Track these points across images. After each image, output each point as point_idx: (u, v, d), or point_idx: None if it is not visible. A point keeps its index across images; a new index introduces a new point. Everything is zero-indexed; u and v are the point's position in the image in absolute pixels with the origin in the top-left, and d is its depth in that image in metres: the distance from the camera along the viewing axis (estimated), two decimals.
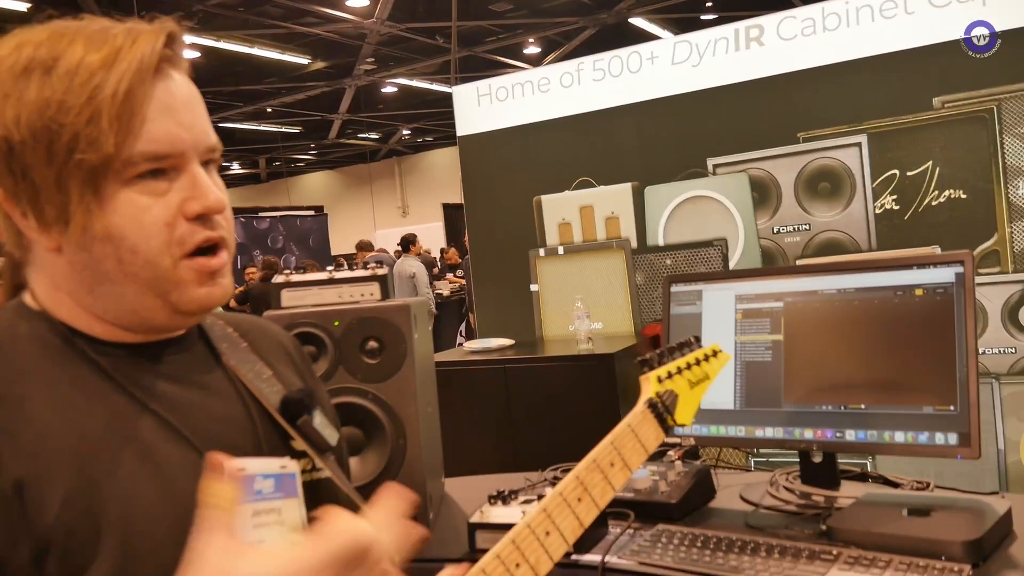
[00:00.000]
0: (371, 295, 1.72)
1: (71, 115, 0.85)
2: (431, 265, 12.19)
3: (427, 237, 13.94)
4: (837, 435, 1.63)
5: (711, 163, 3.82)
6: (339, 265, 1.76)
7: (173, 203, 0.90)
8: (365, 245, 11.28)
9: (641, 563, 1.47)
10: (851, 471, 1.82)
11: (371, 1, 9.75)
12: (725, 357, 1.40)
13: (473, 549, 1.59)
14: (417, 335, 1.72)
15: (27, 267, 0.95)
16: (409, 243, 10.56)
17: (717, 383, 1.73)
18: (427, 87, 14.30)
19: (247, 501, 0.89)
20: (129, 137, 0.86)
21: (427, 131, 19.20)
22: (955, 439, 1.52)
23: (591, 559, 1.50)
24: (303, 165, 22.81)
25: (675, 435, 1.80)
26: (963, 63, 3.29)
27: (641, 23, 11.24)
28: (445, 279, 11.92)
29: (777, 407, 1.69)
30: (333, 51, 11.86)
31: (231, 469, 0.89)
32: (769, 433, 1.70)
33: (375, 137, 19.34)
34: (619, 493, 1.70)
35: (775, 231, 3.69)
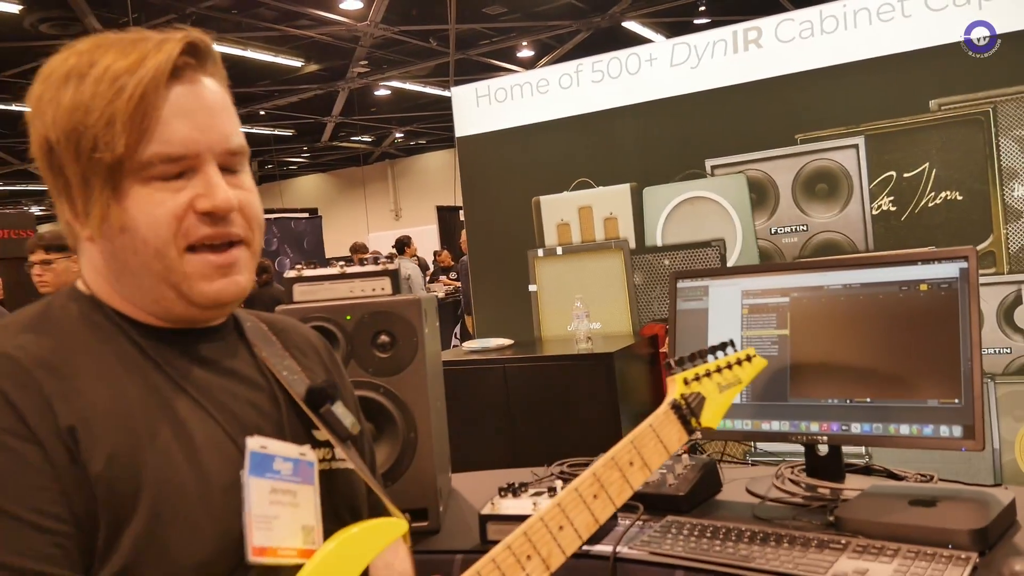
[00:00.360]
0: (382, 289, 1.73)
1: (93, 117, 0.91)
2: (423, 268, 12.20)
3: (421, 240, 13.94)
4: (843, 428, 1.65)
5: (709, 164, 3.85)
6: (349, 261, 1.78)
7: (185, 199, 0.95)
8: (359, 247, 11.28)
9: (652, 553, 1.48)
10: (855, 464, 1.84)
11: (364, 4, 9.76)
12: (760, 363, 1.42)
13: (484, 541, 1.61)
14: (427, 330, 1.74)
15: (78, 254, 1.02)
16: (404, 245, 10.58)
17: None
18: (420, 90, 14.31)
19: (267, 477, 0.96)
20: (142, 140, 0.92)
21: (420, 134, 19.20)
22: (959, 431, 1.54)
23: (602, 549, 1.52)
24: (296, 168, 22.77)
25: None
26: (960, 66, 3.33)
27: (634, 27, 11.28)
28: (439, 281, 11.92)
29: (783, 401, 1.71)
30: (326, 54, 11.86)
31: (253, 444, 0.96)
32: (775, 426, 1.72)
33: (368, 140, 19.34)
34: None
35: (773, 232, 3.72)
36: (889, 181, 3.49)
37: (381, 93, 14.77)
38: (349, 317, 1.69)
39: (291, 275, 1.75)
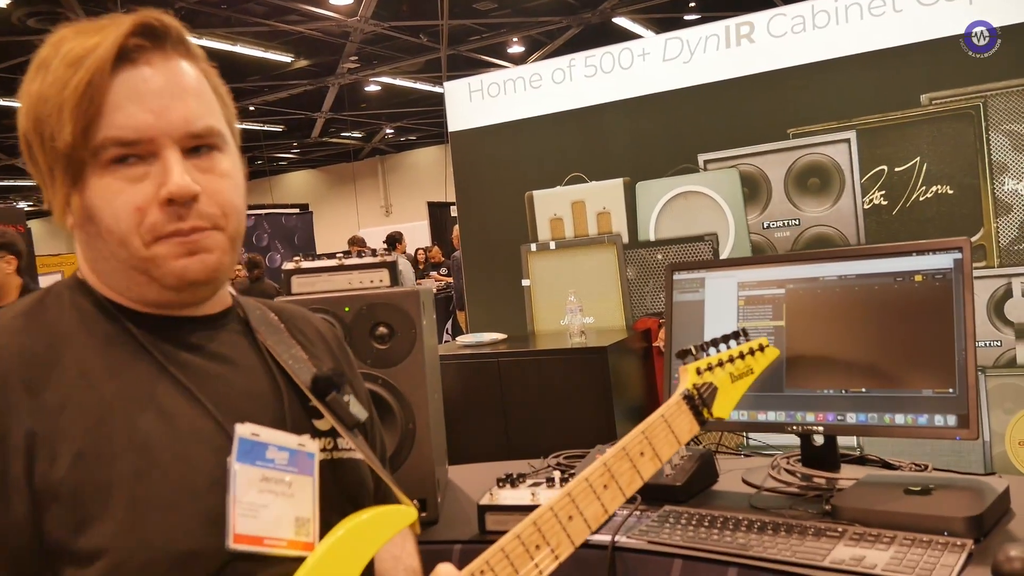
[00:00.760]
0: (380, 281, 1.74)
1: (49, 107, 0.91)
2: (413, 264, 12.19)
3: (411, 236, 13.92)
4: (838, 418, 1.66)
5: (702, 159, 3.87)
6: (347, 253, 1.78)
7: (148, 189, 0.93)
8: (358, 241, 11.25)
9: (650, 542, 1.49)
10: (850, 455, 1.86)
11: None
12: (773, 352, 1.41)
13: (483, 531, 1.61)
14: (425, 322, 1.75)
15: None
16: (395, 242, 10.58)
17: None
18: (411, 86, 14.28)
19: (257, 464, 0.95)
20: (90, 126, 0.90)
21: (410, 130, 19.17)
22: (954, 421, 1.56)
23: (601, 539, 1.53)
24: (285, 164, 22.71)
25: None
26: (951, 61, 3.35)
27: (624, 23, 11.29)
28: (429, 277, 11.91)
29: (779, 391, 1.72)
30: (316, 49, 11.83)
31: (243, 431, 0.95)
32: (771, 417, 1.73)
33: (358, 136, 19.29)
34: None
35: (765, 226, 3.74)
36: (880, 175, 3.51)
37: (371, 89, 14.74)
38: (348, 309, 1.70)
39: (289, 267, 1.75)
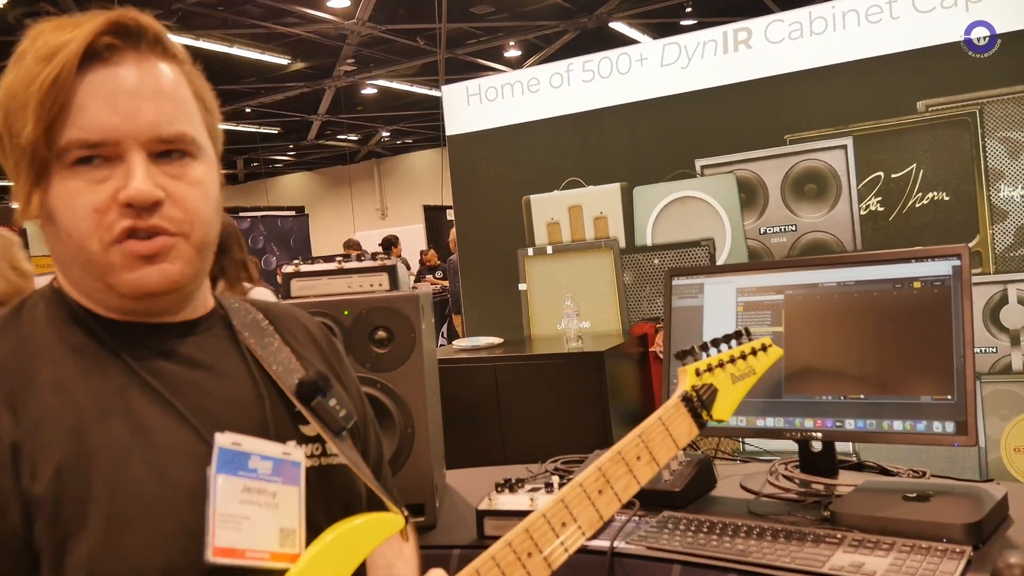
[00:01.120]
0: (380, 285, 1.73)
1: (16, 102, 0.89)
2: (407, 268, 12.19)
3: (407, 239, 13.91)
4: (837, 424, 1.67)
5: (699, 164, 3.87)
6: (347, 256, 1.78)
7: (107, 191, 0.90)
8: (353, 244, 11.25)
9: (649, 548, 1.49)
10: (847, 461, 1.86)
11: (352, 2, 9.73)
12: (776, 352, 1.37)
13: (481, 536, 1.61)
14: (424, 325, 1.74)
15: None
16: (391, 245, 10.58)
17: None
18: (408, 89, 14.29)
19: (239, 475, 0.92)
20: (54, 125, 0.88)
21: (407, 133, 19.16)
22: (952, 427, 1.56)
23: (600, 544, 1.53)
24: (281, 166, 22.69)
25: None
26: (947, 67, 3.37)
27: (621, 27, 11.30)
28: (425, 280, 11.91)
29: (778, 397, 1.73)
30: (313, 52, 11.82)
31: (223, 440, 0.92)
32: (770, 423, 1.73)
33: (354, 139, 19.28)
34: None
35: (762, 232, 3.74)
36: (877, 181, 3.52)
37: (368, 92, 14.74)
38: (347, 312, 1.69)
39: (289, 270, 1.75)
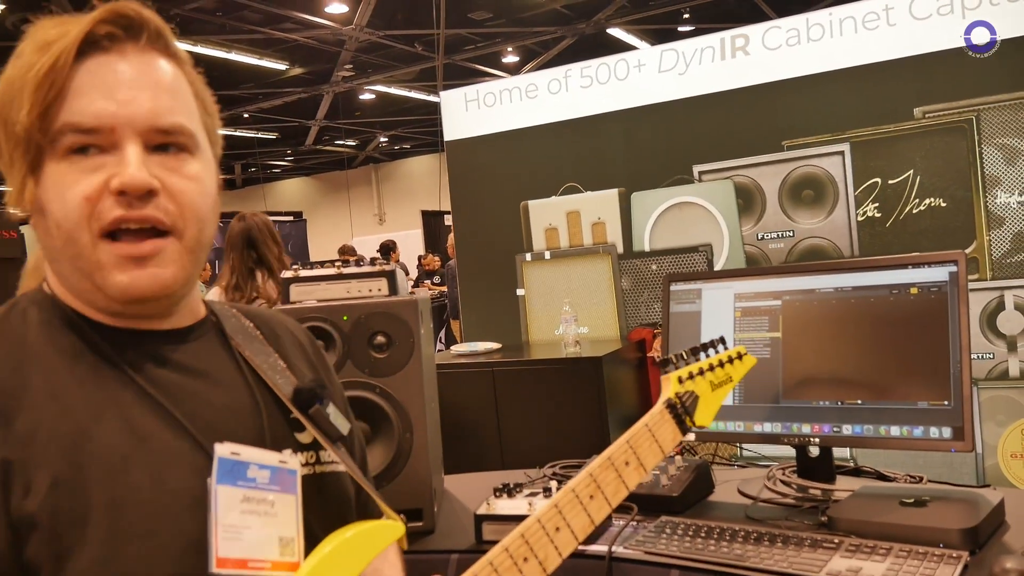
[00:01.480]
0: (379, 290, 1.74)
1: (13, 91, 0.89)
2: (405, 273, 12.20)
3: (405, 245, 13.92)
4: (834, 430, 1.67)
5: (697, 170, 3.88)
6: (345, 261, 1.79)
7: (100, 179, 0.89)
8: (348, 250, 11.25)
9: (647, 552, 1.50)
10: (844, 466, 1.86)
11: (350, 7, 9.75)
12: (750, 360, 1.42)
13: (480, 540, 1.61)
14: (423, 330, 1.75)
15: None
16: (389, 251, 10.59)
17: None
18: (406, 94, 14.30)
19: (238, 485, 0.91)
20: (49, 110, 0.88)
21: (405, 138, 19.17)
22: (949, 433, 1.57)
23: (597, 549, 1.53)
24: (279, 171, 22.69)
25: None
26: (944, 74, 3.38)
27: (619, 34, 11.32)
28: (423, 285, 11.91)
29: (775, 403, 1.73)
30: (311, 57, 11.83)
31: (223, 450, 0.92)
32: (767, 428, 1.74)
33: (352, 144, 19.29)
34: None
35: (759, 237, 3.75)
36: (874, 188, 3.53)
37: (366, 97, 14.75)
38: (346, 317, 1.70)
39: (288, 275, 1.75)
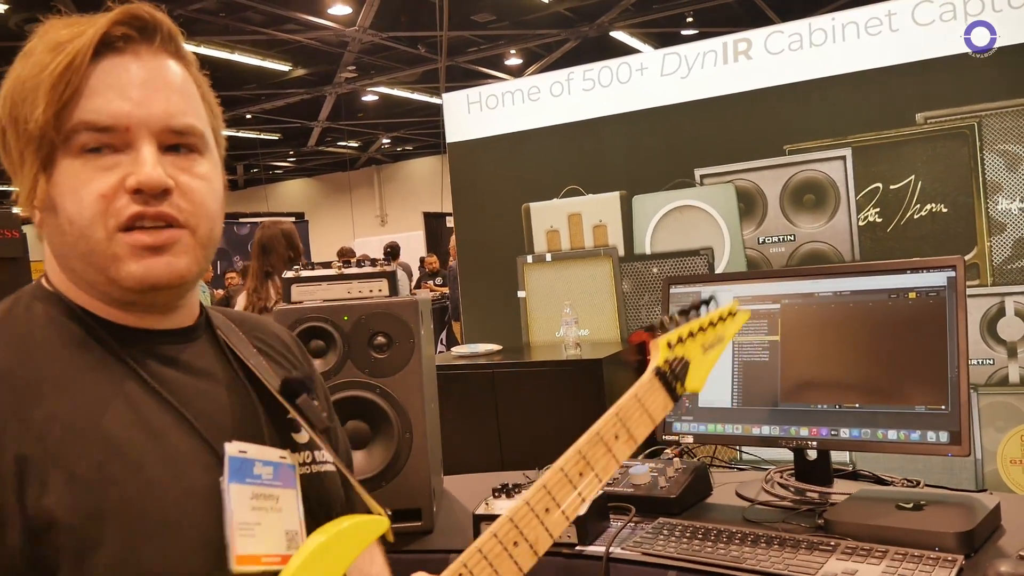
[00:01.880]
0: (379, 291, 1.75)
1: (26, 89, 0.89)
2: (408, 274, 12.22)
3: (407, 246, 13.93)
4: (832, 433, 1.68)
5: (698, 173, 3.89)
6: (346, 262, 1.79)
7: (115, 177, 0.90)
8: (347, 252, 11.28)
9: (644, 553, 1.50)
10: (842, 469, 1.87)
11: (353, 9, 9.77)
12: (743, 316, 1.33)
13: None
14: (423, 331, 1.76)
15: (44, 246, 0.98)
16: (396, 252, 10.66)
17: (715, 381, 1.79)
18: (408, 96, 14.32)
19: (247, 482, 0.93)
20: (65, 109, 0.88)
21: (407, 140, 19.20)
22: (946, 437, 1.57)
23: (595, 550, 1.54)
24: (281, 172, 22.72)
25: (673, 433, 1.84)
26: (946, 80, 3.38)
27: (622, 37, 11.34)
28: (425, 286, 11.92)
29: (774, 406, 1.74)
30: (314, 58, 11.86)
31: (232, 449, 0.93)
32: (766, 431, 1.75)
33: (355, 145, 19.32)
34: (620, 489, 1.74)
35: (760, 241, 3.76)
36: (875, 193, 3.53)
37: (368, 99, 14.77)
38: (347, 318, 1.71)
39: (289, 275, 1.76)
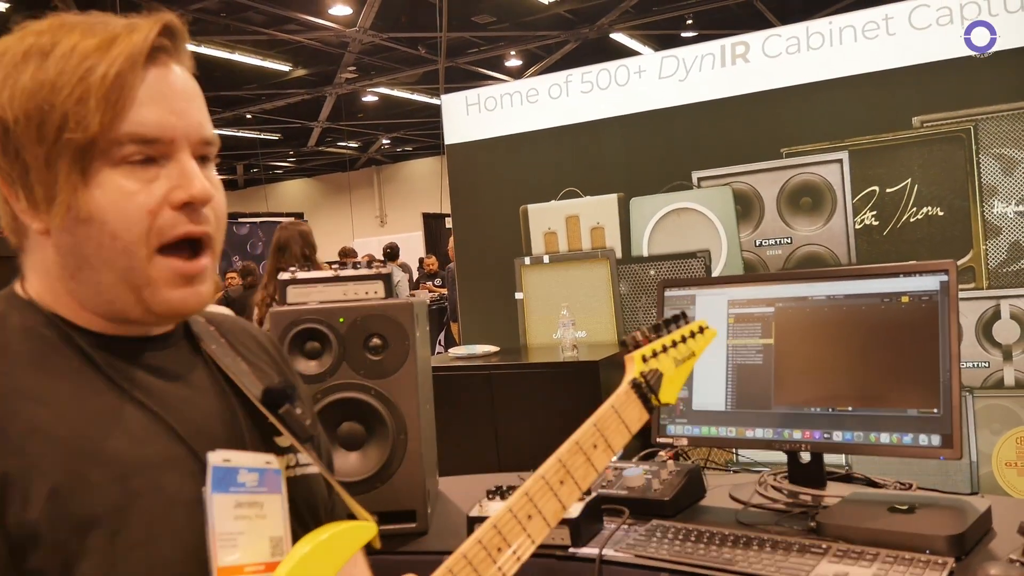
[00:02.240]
0: (375, 293, 1.75)
1: (62, 95, 0.87)
2: (408, 274, 12.24)
3: (406, 247, 13.94)
4: (825, 436, 1.69)
5: (696, 176, 3.90)
6: (343, 264, 1.80)
7: (160, 191, 0.90)
8: (348, 252, 11.29)
9: (637, 556, 1.51)
10: (836, 472, 1.88)
11: (354, 10, 9.78)
12: (712, 333, 1.38)
13: None
14: (418, 333, 1.76)
15: (23, 254, 0.96)
16: (395, 254, 10.67)
17: (710, 384, 1.80)
18: (408, 97, 14.33)
19: (230, 491, 0.93)
20: (117, 118, 0.88)
21: (407, 141, 19.22)
22: (938, 440, 1.58)
23: (588, 552, 1.55)
24: (281, 172, 22.74)
25: (668, 435, 1.85)
26: (943, 84, 3.39)
27: (622, 39, 11.36)
28: (423, 287, 11.92)
29: (767, 409, 1.75)
30: (314, 59, 11.88)
31: (215, 459, 0.92)
32: (759, 434, 1.75)
33: (354, 146, 19.34)
34: (613, 491, 1.75)
35: (757, 244, 3.77)
36: (872, 196, 3.54)
37: (368, 99, 14.79)
38: (342, 320, 1.71)
39: (285, 277, 1.77)
